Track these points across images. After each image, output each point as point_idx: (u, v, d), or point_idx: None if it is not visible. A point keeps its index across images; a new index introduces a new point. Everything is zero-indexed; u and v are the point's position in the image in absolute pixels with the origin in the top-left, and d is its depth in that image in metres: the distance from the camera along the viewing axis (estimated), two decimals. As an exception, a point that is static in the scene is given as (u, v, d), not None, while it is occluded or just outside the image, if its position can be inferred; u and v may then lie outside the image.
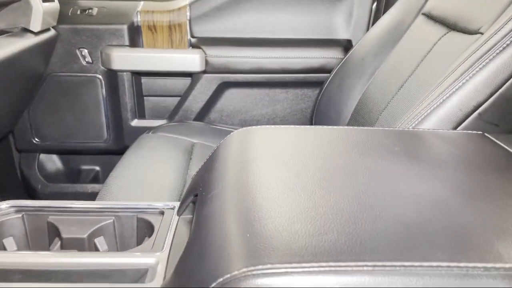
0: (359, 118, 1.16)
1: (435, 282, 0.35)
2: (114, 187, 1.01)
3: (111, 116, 1.52)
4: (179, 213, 0.66)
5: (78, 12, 1.47)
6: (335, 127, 0.67)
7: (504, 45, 0.71)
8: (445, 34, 0.98)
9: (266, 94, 1.53)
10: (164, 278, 0.51)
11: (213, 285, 0.36)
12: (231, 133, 0.65)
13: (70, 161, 1.66)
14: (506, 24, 0.73)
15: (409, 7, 1.19)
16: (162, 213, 0.70)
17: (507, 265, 0.36)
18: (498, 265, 0.36)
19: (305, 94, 1.53)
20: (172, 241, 0.61)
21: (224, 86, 1.52)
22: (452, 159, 0.57)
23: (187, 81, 1.53)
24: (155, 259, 0.58)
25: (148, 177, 1.10)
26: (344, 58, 1.29)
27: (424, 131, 0.68)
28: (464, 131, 0.68)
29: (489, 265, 0.36)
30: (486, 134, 0.66)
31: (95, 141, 1.56)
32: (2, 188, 1.58)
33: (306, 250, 0.37)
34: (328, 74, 1.32)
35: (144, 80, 1.54)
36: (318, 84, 1.42)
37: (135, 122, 1.54)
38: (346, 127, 0.69)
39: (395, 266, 0.35)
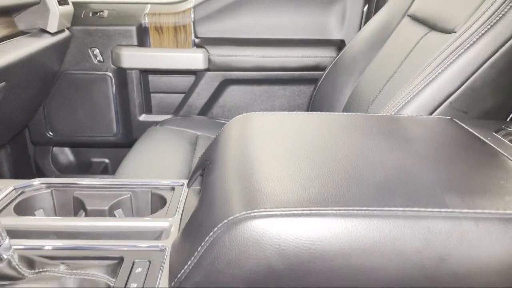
0: (350, 112, 1.26)
1: (392, 222, 0.45)
2: (128, 171, 1.11)
3: (120, 111, 1.62)
4: (189, 185, 0.76)
5: (90, 15, 1.57)
6: (324, 113, 0.77)
7: (471, 42, 0.81)
8: (426, 34, 1.07)
9: (265, 91, 1.63)
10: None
11: (219, 225, 0.45)
12: (234, 118, 0.75)
13: (81, 154, 1.76)
14: (473, 24, 0.83)
15: (396, 10, 1.29)
16: (173, 188, 0.80)
17: (449, 210, 0.46)
18: (442, 209, 0.46)
19: (301, 90, 1.63)
20: (183, 208, 0.71)
21: (226, 83, 1.61)
22: (420, 137, 0.66)
23: (191, 78, 1.63)
24: (168, 223, 0.68)
25: (156, 164, 1.20)
26: (336, 57, 1.38)
27: (400, 116, 0.78)
28: (435, 117, 0.78)
29: (435, 209, 0.46)
30: (454, 119, 0.76)
31: (105, 135, 1.66)
32: (18, 179, 1.68)
33: (293, 199, 0.47)
34: (323, 72, 1.42)
35: (151, 77, 1.64)
36: (313, 81, 1.52)
37: (143, 117, 1.64)
38: (333, 113, 0.79)
39: (362, 210, 0.45)
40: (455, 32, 0.91)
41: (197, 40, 1.61)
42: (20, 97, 1.34)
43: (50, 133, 1.65)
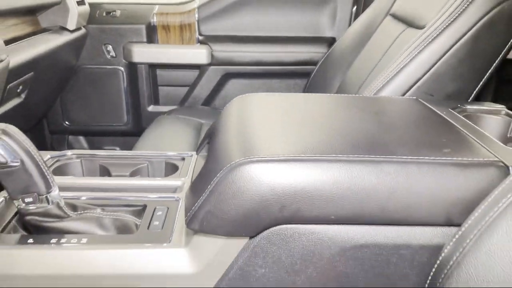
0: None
1: (356, 165, 0.59)
2: (142, 149, 1.26)
3: (130, 102, 1.77)
4: (198, 152, 0.90)
5: (104, 14, 1.71)
6: (314, 94, 0.91)
7: (435, 36, 0.95)
8: (404, 30, 1.21)
9: (263, 84, 1.77)
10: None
11: (223, 169, 0.59)
12: (235, 98, 0.89)
13: (94, 142, 1.90)
14: (437, 20, 0.97)
15: (380, 9, 1.43)
16: (183, 158, 0.94)
17: (398, 156, 0.60)
18: (393, 156, 0.60)
19: (296, 83, 1.77)
20: (193, 171, 0.85)
21: (227, 76, 1.76)
22: (388, 112, 0.81)
23: (195, 72, 1.77)
24: (181, 181, 0.82)
25: (164, 147, 1.34)
26: (327, 52, 1.53)
27: (375, 97, 0.93)
28: (403, 97, 0.92)
29: (387, 156, 0.60)
30: (419, 99, 0.90)
31: (116, 124, 1.80)
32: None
33: (283, 150, 0.61)
34: (315, 66, 1.56)
35: (159, 71, 1.78)
36: (307, 75, 1.66)
37: (151, 108, 1.78)
38: (322, 94, 0.93)
39: (333, 156, 0.59)
40: (424, 27, 1.05)
41: (200, 38, 1.75)
42: (43, 88, 1.48)
43: (66, 122, 1.79)
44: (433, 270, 0.52)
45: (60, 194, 0.69)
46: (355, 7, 1.74)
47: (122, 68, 1.72)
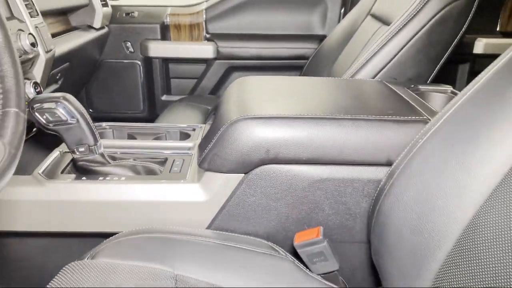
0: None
1: (321, 122, 0.80)
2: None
3: (146, 92, 1.99)
4: (206, 122, 1.12)
5: (124, 15, 1.94)
6: (300, 77, 1.13)
7: (396, 31, 1.16)
8: (379, 28, 1.42)
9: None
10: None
11: (225, 124, 0.81)
12: (236, 79, 1.10)
13: (114, 128, 2.12)
14: (399, 19, 1.18)
15: (362, 10, 1.63)
16: (194, 129, 1.16)
17: (350, 116, 0.81)
18: (349, 116, 0.81)
19: (290, 75, 1.98)
20: (202, 135, 1.07)
21: (230, 69, 1.97)
22: (356, 89, 1.02)
23: (203, 66, 1.99)
24: (193, 143, 1.04)
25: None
26: (317, 48, 1.74)
27: (349, 79, 1.14)
28: (370, 79, 1.14)
29: (345, 116, 0.81)
30: (383, 81, 1.12)
31: (133, 111, 2.03)
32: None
33: (268, 111, 0.82)
34: (307, 61, 1.77)
35: (171, 65, 2.00)
36: (300, 68, 1.87)
37: (164, 97, 2.00)
38: (307, 77, 1.15)
39: (307, 116, 0.81)
40: (390, 24, 1.26)
41: (208, 35, 1.97)
42: (74, 78, 1.70)
43: (90, 110, 2.01)
44: (374, 197, 0.73)
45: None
46: (343, 9, 1.95)
47: (139, 62, 1.95)
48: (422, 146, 0.63)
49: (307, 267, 0.77)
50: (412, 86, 1.09)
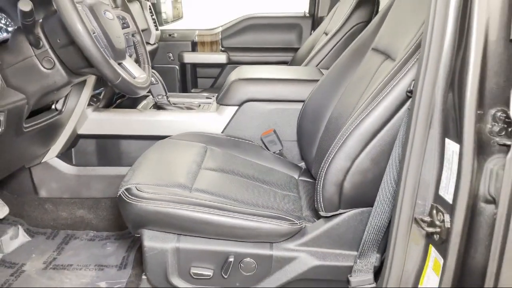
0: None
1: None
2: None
3: (181, 87, 2.84)
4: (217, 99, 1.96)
5: (168, 35, 2.80)
6: (298, 66, 1.95)
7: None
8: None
9: (259, 75, 2.82)
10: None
11: (228, 84, 1.63)
12: (236, 68, 1.94)
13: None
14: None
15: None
16: (211, 97, 1.99)
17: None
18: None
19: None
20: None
21: (237, 71, 2.82)
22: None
23: (219, 69, 2.83)
24: (212, 98, 1.87)
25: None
26: (293, 55, 2.56)
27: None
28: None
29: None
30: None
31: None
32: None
33: (257, 76, 1.65)
34: (287, 65, 2.59)
35: (198, 68, 2.86)
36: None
37: (193, 90, 2.85)
38: (288, 66, 1.97)
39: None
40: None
41: (222, 48, 2.83)
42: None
43: (144, 99, 2.86)
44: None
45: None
46: (313, 30, 2.78)
47: (177, 67, 2.80)
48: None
49: (267, 149, 1.58)
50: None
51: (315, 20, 2.77)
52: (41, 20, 1.13)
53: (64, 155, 1.66)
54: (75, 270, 1.45)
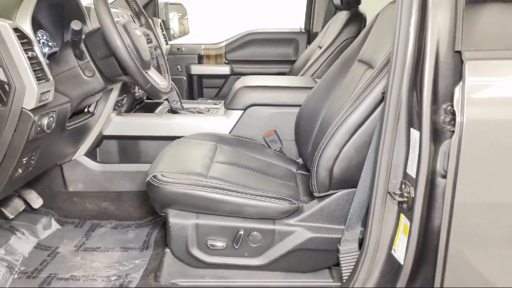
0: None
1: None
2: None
3: (188, 95, 3.06)
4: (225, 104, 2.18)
5: (176, 49, 3.04)
6: (286, 76, 2.18)
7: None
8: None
9: (259, 85, 3.05)
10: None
11: (234, 90, 1.86)
12: (240, 78, 2.16)
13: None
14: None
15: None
16: (219, 103, 2.22)
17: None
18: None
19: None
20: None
21: (240, 81, 3.05)
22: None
23: (223, 79, 3.06)
24: (220, 104, 2.10)
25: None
26: (291, 67, 2.80)
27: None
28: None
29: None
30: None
31: (180, 108, 3.10)
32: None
33: (258, 83, 1.88)
34: (285, 75, 2.83)
35: (204, 79, 3.09)
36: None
37: (199, 99, 3.07)
38: (290, 77, 2.20)
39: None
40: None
41: (226, 61, 3.07)
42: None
43: (154, 107, 3.09)
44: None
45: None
46: (308, 44, 3.03)
47: (184, 78, 3.04)
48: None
49: (269, 147, 1.80)
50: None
51: (310, 35, 3.02)
52: (83, 37, 1.35)
53: (90, 154, 1.87)
54: (103, 251, 1.66)
